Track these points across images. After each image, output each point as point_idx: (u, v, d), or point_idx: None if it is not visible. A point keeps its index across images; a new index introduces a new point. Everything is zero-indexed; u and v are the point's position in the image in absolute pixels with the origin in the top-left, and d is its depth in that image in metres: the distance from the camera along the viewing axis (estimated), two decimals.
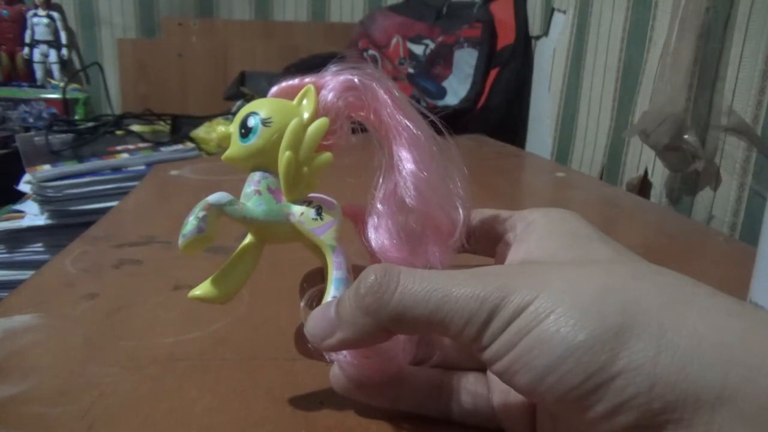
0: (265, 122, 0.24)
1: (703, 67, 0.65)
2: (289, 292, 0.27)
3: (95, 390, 0.28)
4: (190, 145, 1.00)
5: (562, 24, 1.06)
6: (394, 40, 1.34)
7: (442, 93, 1.22)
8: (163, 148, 0.96)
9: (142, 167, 0.90)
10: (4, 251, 0.84)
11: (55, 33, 1.59)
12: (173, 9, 1.64)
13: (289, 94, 0.25)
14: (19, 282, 0.41)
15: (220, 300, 0.24)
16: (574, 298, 0.17)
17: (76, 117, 1.39)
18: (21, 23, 1.57)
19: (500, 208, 0.27)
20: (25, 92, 1.46)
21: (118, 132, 1.06)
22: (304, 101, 0.24)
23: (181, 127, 1.09)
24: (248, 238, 0.25)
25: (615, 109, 0.87)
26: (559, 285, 0.18)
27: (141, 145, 0.98)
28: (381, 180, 0.25)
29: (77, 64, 1.66)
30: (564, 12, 1.05)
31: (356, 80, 0.24)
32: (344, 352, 0.23)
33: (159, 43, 1.58)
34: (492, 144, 1.08)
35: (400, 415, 0.26)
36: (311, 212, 0.24)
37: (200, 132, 1.04)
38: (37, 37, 1.57)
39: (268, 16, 1.67)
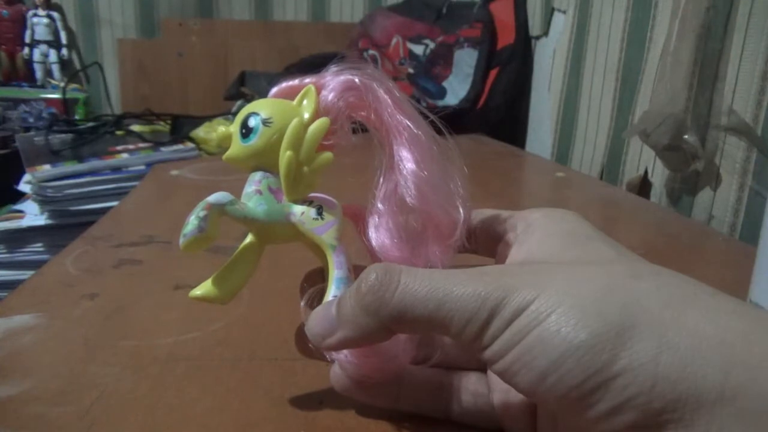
0: (265, 122, 0.24)
1: (703, 67, 0.65)
2: (289, 292, 0.27)
3: (95, 390, 0.28)
4: (190, 145, 1.00)
5: (562, 24, 1.06)
6: (394, 40, 1.34)
7: (442, 93, 1.22)
8: (163, 148, 0.96)
9: (142, 167, 0.90)
10: (4, 251, 0.84)
11: (55, 33, 1.59)
12: (173, 9, 1.64)
13: (290, 94, 0.25)
14: (19, 282, 0.41)
15: (220, 300, 0.24)
16: (575, 298, 0.17)
17: (76, 117, 1.38)
18: (21, 23, 1.57)
19: (500, 208, 0.27)
20: (25, 92, 1.45)
21: (118, 132, 1.06)
22: (305, 101, 0.24)
23: (181, 127, 1.09)
24: (249, 238, 0.25)
25: (615, 109, 0.87)
26: (559, 285, 0.18)
27: (141, 145, 0.97)
28: (381, 179, 0.25)
29: (77, 64, 1.66)
30: (564, 12, 1.05)
31: (357, 80, 0.24)
32: (345, 351, 0.23)
33: (159, 43, 1.58)
34: (492, 144, 1.08)
35: (400, 414, 0.26)
36: (312, 212, 0.24)
37: (200, 132, 1.04)
38: (37, 37, 1.57)
39: (268, 16, 1.67)
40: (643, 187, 0.79)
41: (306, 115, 0.24)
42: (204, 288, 0.24)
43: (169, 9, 1.64)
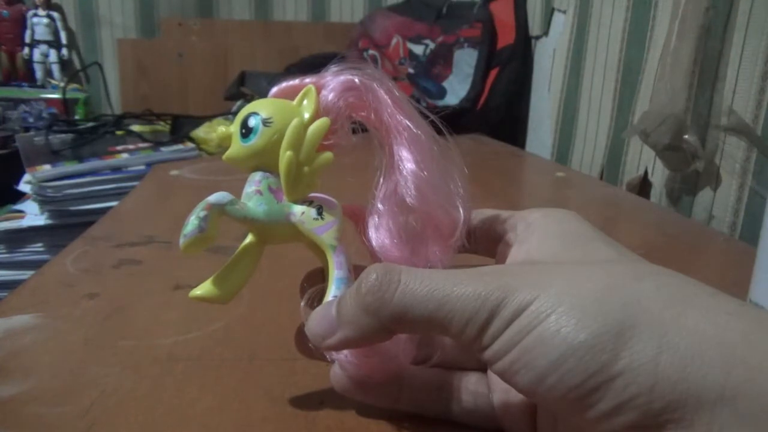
0: (265, 122, 0.24)
1: (703, 67, 0.65)
2: (289, 292, 0.27)
3: (95, 390, 0.28)
4: (190, 145, 1.00)
5: (562, 24, 1.06)
6: (394, 40, 1.34)
7: (442, 93, 1.22)
8: (163, 148, 0.96)
9: (142, 167, 0.90)
10: (4, 251, 0.84)
11: (55, 33, 1.59)
12: (173, 9, 1.64)
13: (290, 94, 0.25)
14: (19, 282, 0.41)
15: (221, 300, 0.24)
16: (575, 298, 0.17)
17: (76, 117, 1.38)
18: (21, 23, 1.57)
19: (500, 208, 0.27)
20: (25, 92, 1.45)
21: (118, 132, 1.06)
22: (305, 101, 0.24)
23: (181, 127, 1.09)
24: (249, 238, 0.25)
25: (615, 109, 0.87)
26: (560, 285, 0.18)
27: (141, 145, 0.97)
28: (381, 179, 0.25)
29: (77, 64, 1.66)
30: (564, 12, 1.05)
31: (357, 80, 0.24)
32: (345, 351, 0.23)
33: (159, 43, 1.58)
34: (492, 144, 1.08)
35: (400, 415, 0.26)
36: (312, 212, 0.24)
37: (200, 132, 1.04)
38: (37, 37, 1.57)
39: (268, 16, 1.67)
40: (643, 187, 0.79)
41: (306, 115, 0.24)
42: (204, 288, 0.24)
43: (169, 9, 1.64)
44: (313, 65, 0.24)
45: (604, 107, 0.90)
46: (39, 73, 1.59)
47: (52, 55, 1.59)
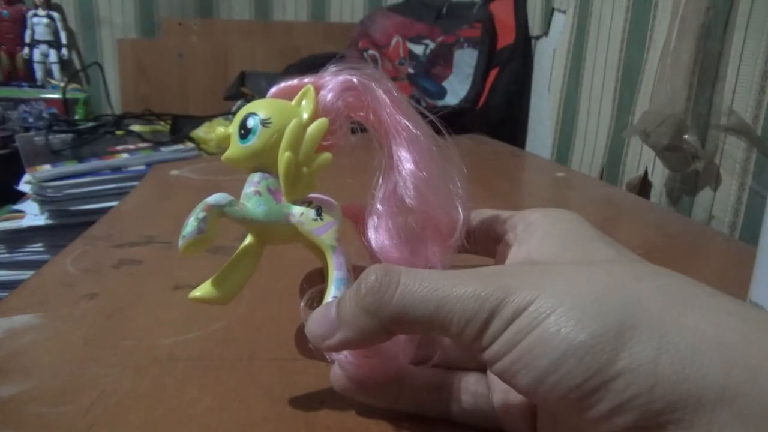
0: (264, 123, 0.24)
1: (703, 67, 0.65)
2: (289, 292, 0.27)
3: (95, 390, 0.28)
4: (190, 145, 1.00)
5: (562, 24, 1.06)
6: (394, 40, 1.34)
7: (442, 93, 1.22)
8: (163, 148, 0.96)
9: (142, 167, 0.90)
10: (4, 251, 0.84)
11: (55, 33, 1.59)
12: (173, 9, 1.64)
13: (289, 94, 0.25)
14: (19, 282, 0.41)
15: (220, 301, 0.24)
16: (575, 298, 0.17)
17: (76, 117, 1.38)
18: (21, 23, 1.57)
19: (500, 208, 0.27)
20: (25, 92, 1.45)
21: (118, 132, 1.06)
22: (304, 102, 0.24)
23: (181, 127, 1.09)
24: (248, 239, 0.25)
25: (615, 109, 0.87)
26: (559, 285, 0.18)
27: (141, 145, 0.97)
28: (381, 180, 0.25)
29: (77, 64, 1.66)
30: (564, 12, 1.05)
31: (355, 80, 0.24)
32: (345, 352, 0.23)
33: (159, 43, 1.58)
34: (492, 144, 1.08)
35: (400, 415, 0.26)
36: (311, 212, 0.24)
37: (200, 132, 1.04)
38: (37, 37, 1.57)
39: (268, 16, 1.67)
40: (643, 187, 0.79)
41: (305, 116, 0.24)
42: (203, 289, 0.24)
43: (169, 9, 1.64)
44: (313, 65, 0.24)
45: (604, 107, 0.90)
46: (39, 73, 1.59)
47: (52, 55, 1.59)
